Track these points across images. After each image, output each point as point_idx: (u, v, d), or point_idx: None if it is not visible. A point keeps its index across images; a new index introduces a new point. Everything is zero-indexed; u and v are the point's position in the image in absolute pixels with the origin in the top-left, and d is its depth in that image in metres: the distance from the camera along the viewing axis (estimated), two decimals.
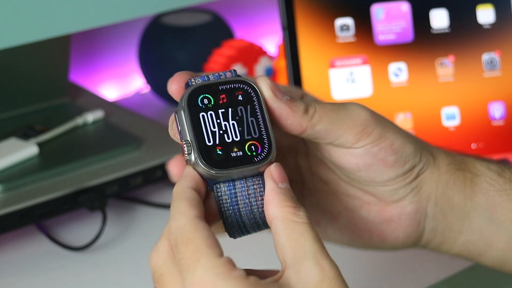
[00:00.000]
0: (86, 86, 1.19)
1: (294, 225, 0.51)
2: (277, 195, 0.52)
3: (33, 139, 0.97)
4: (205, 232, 0.52)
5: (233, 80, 0.55)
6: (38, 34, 0.82)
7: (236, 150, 0.53)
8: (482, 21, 0.99)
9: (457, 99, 0.99)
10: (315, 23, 0.97)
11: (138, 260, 0.90)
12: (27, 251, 0.91)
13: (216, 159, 0.53)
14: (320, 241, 0.51)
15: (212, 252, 0.51)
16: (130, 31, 1.28)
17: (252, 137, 0.54)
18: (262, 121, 0.54)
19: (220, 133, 0.53)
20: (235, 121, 0.54)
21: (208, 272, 0.50)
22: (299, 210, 0.52)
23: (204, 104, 0.54)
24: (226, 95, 0.54)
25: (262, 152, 0.54)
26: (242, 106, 0.54)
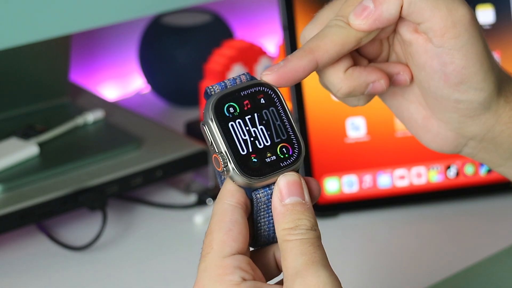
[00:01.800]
0: (86, 86, 1.19)
1: (286, 244, 0.52)
2: (276, 216, 0.53)
3: (33, 139, 0.97)
4: (226, 225, 0.52)
5: (252, 84, 0.55)
6: (38, 34, 0.83)
7: (270, 155, 0.53)
8: (481, 21, 0.99)
9: None
10: None
11: (138, 260, 0.90)
12: (28, 251, 0.91)
13: (253, 167, 0.53)
14: (311, 253, 0.52)
15: (221, 250, 0.52)
16: (130, 31, 1.28)
17: (281, 139, 0.54)
18: (287, 121, 0.54)
19: (251, 140, 0.53)
20: (263, 126, 0.54)
21: (206, 270, 0.52)
22: (296, 229, 0.52)
23: (230, 113, 0.53)
24: (249, 101, 0.54)
25: (293, 153, 0.54)
26: (266, 109, 0.54)
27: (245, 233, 0.53)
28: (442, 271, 0.86)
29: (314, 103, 0.96)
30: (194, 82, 1.14)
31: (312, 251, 0.51)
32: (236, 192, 0.54)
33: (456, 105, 0.59)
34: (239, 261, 0.52)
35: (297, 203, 0.53)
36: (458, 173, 0.98)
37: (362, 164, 0.97)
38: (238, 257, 0.52)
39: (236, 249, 0.52)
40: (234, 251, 0.52)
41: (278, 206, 0.53)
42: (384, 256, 0.90)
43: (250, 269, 0.52)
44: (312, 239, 0.52)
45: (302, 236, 0.52)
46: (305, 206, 0.53)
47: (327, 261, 0.52)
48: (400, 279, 0.86)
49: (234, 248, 0.52)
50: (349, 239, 0.93)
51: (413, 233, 0.94)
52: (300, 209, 0.53)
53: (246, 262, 0.52)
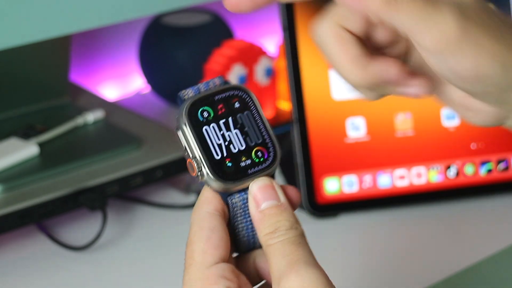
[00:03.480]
0: (86, 86, 1.19)
1: (269, 249, 0.52)
2: (256, 224, 0.53)
3: (33, 139, 0.97)
4: (205, 233, 0.52)
5: (226, 88, 0.54)
6: (38, 34, 0.83)
7: (245, 159, 0.53)
8: None
9: None
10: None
11: (138, 260, 0.90)
12: (28, 251, 0.91)
13: (228, 172, 0.52)
14: (293, 252, 0.51)
15: (203, 260, 0.51)
16: (130, 31, 1.28)
17: (256, 143, 0.54)
18: (262, 125, 0.54)
19: (226, 145, 0.53)
20: (237, 130, 0.53)
21: (191, 282, 0.52)
22: (276, 232, 0.52)
23: (204, 118, 0.53)
24: (224, 105, 0.54)
25: (269, 157, 0.54)
26: (240, 113, 0.54)
27: (226, 239, 0.52)
28: (442, 271, 0.86)
29: (314, 103, 0.96)
30: (194, 82, 1.14)
31: (293, 250, 0.51)
32: (213, 199, 0.53)
33: (484, 90, 0.54)
34: (223, 270, 0.51)
35: (272, 207, 0.53)
36: (458, 173, 0.98)
37: (362, 164, 0.97)
38: (221, 266, 0.51)
39: (218, 257, 0.52)
40: (217, 259, 0.52)
41: (255, 213, 0.53)
42: (384, 256, 0.90)
43: (234, 277, 0.52)
44: (293, 237, 0.52)
45: (283, 237, 0.51)
46: (281, 208, 0.53)
47: (311, 257, 0.52)
48: (400, 279, 0.86)
49: (216, 256, 0.52)
50: (349, 239, 0.93)
51: (413, 233, 0.94)
52: (276, 212, 0.52)
53: (230, 270, 0.52)
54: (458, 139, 0.98)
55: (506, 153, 0.99)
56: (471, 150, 0.98)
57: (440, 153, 0.98)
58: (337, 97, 0.97)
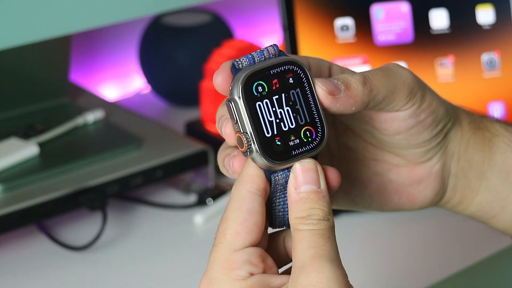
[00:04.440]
0: (86, 86, 1.19)
1: (297, 234, 0.51)
2: (290, 204, 0.52)
3: (33, 139, 0.97)
4: (243, 215, 0.52)
5: (282, 62, 0.52)
6: (38, 34, 0.83)
7: (293, 138, 0.52)
8: (481, 21, 0.99)
9: (456, 99, 0.99)
10: (315, 23, 0.97)
11: (138, 260, 0.90)
12: (28, 251, 0.91)
13: (276, 150, 0.51)
14: (319, 246, 0.51)
15: (233, 241, 0.51)
16: (130, 31, 1.28)
17: (306, 122, 0.52)
18: (313, 104, 0.53)
19: (277, 122, 0.52)
20: (289, 107, 0.52)
21: (216, 262, 0.51)
22: (308, 218, 0.51)
23: (259, 92, 0.51)
24: (278, 80, 0.52)
25: (316, 137, 0.53)
26: (293, 90, 0.52)
27: (260, 224, 0.52)
28: (442, 271, 0.86)
29: None
30: (194, 82, 1.15)
31: (320, 244, 0.51)
32: (256, 178, 0.53)
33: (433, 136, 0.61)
34: (249, 255, 0.51)
35: (311, 191, 0.52)
36: None
37: None
38: (248, 251, 0.51)
39: (249, 241, 0.51)
40: (247, 243, 0.51)
41: (293, 193, 0.52)
42: (384, 256, 0.90)
43: (260, 262, 0.51)
44: (323, 230, 0.51)
45: (313, 227, 0.51)
46: (320, 194, 0.52)
47: (336, 254, 0.52)
48: (400, 279, 0.86)
49: (247, 240, 0.51)
50: (349, 239, 0.93)
51: (413, 233, 0.94)
52: (314, 198, 0.52)
53: (257, 255, 0.51)
54: None
55: None
56: None
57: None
58: None
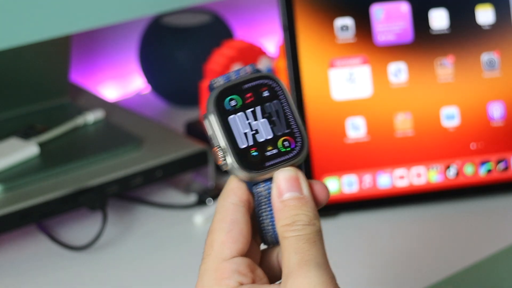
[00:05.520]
0: (86, 86, 1.19)
1: (284, 242, 0.52)
2: (275, 213, 0.53)
3: (34, 139, 0.97)
4: (227, 225, 0.52)
5: (256, 77, 0.54)
6: (38, 34, 0.83)
7: (271, 148, 0.53)
8: (481, 21, 0.99)
9: (456, 99, 0.99)
10: (315, 23, 0.97)
11: (138, 260, 0.90)
12: (28, 251, 0.91)
13: (253, 161, 0.52)
14: (305, 251, 0.51)
15: (220, 252, 0.52)
16: (130, 31, 1.28)
17: (283, 133, 0.53)
18: (290, 115, 0.54)
19: (252, 134, 0.53)
20: (265, 119, 0.53)
21: (206, 273, 0.52)
22: (293, 225, 0.52)
23: (232, 106, 0.53)
24: (252, 93, 0.53)
25: (296, 147, 0.53)
26: (269, 102, 0.53)
27: (245, 233, 0.53)
28: (442, 271, 0.86)
29: (314, 103, 0.96)
30: (194, 82, 1.15)
31: (306, 249, 0.51)
32: (238, 190, 0.53)
33: None
34: (238, 264, 0.52)
35: (294, 198, 0.52)
36: (457, 173, 0.98)
37: (362, 164, 0.97)
38: (237, 260, 0.52)
39: (236, 250, 0.52)
40: (234, 253, 0.52)
41: (276, 202, 0.52)
42: (384, 256, 0.90)
43: (249, 271, 0.52)
44: (309, 234, 0.52)
45: (298, 233, 0.51)
46: (303, 200, 0.52)
47: (323, 258, 0.52)
48: (400, 279, 0.86)
49: (234, 250, 0.52)
50: (349, 239, 0.93)
51: (413, 233, 0.94)
52: (297, 204, 0.52)
53: (245, 265, 0.52)
54: (457, 139, 0.98)
55: (506, 153, 0.99)
56: (471, 150, 0.98)
57: (439, 153, 0.98)
58: (337, 97, 0.97)
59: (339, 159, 0.97)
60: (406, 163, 0.97)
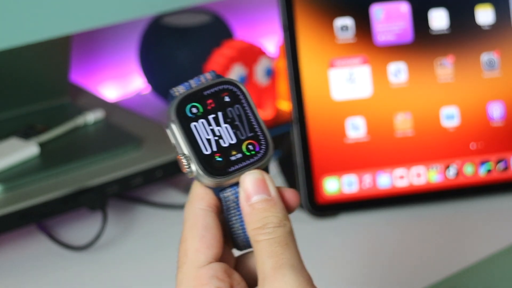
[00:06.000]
0: (86, 86, 1.19)
1: (257, 246, 0.51)
2: (245, 217, 0.52)
3: (34, 139, 0.97)
4: (199, 232, 0.52)
5: (216, 83, 0.54)
6: (38, 34, 0.83)
7: (235, 152, 0.53)
8: (481, 21, 0.99)
9: (456, 99, 0.99)
10: (315, 23, 0.97)
11: (138, 260, 0.90)
12: (28, 251, 0.91)
13: (217, 166, 0.52)
14: (278, 254, 0.51)
15: (196, 259, 0.52)
16: (130, 31, 1.28)
17: (247, 137, 0.53)
18: (253, 118, 0.54)
19: (215, 140, 0.53)
20: (227, 124, 0.53)
21: (183, 282, 0.52)
22: (264, 228, 0.51)
23: (193, 114, 0.53)
24: (213, 100, 0.53)
25: (260, 150, 0.53)
26: (230, 107, 0.53)
27: (219, 237, 0.52)
28: (442, 271, 0.86)
29: (314, 103, 0.96)
30: None
31: (279, 252, 0.51)
32: (205, 195, 0.53)
33: None
34: (215, 270, 0.51)
35: (262, 201, 0.52)
36: (457, 173, 0.98)
37: (362, 164, 0.97)
38: (213, 266, 0.52)
39: (211, 256, 0.52)
40: (210, 258, 0.52)
41: (245, 206, 0.52)
42: (384, 256, 0.90)
43: (226, 277, 0.52)
44: (280, 237, 0.51)
45: (270, 236, 0.51)
46: (271, 202, 0.52)
47: (297, 259, 0.51)
48: (400, 279, 0.86)
49: (209, 255, 0.52)
50: (349, 239, 0.93)
51: (413, 233, 0.94)
52: (265, 206, 0.52)
53: (222, 270, 0.52)
54: (457, 139, 0.98)
55: (506, 153, 0.99)
56: (471, 150, 0.98)
57: (439, 153, 0.98)
58: (337, 97, 0.97)
59: (339, 159, 0.97)
60: (406, 163, 0.97)
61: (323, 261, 0.89)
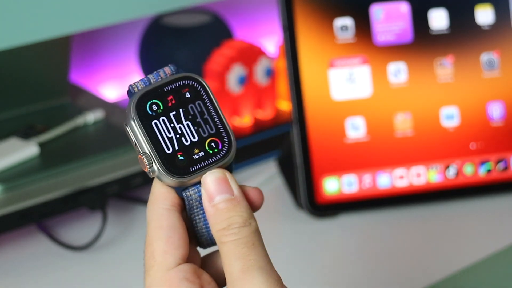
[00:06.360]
0: (86, 86, 1.19)
1: (223, 247, 0.50)
2: (209, 218, 0.51)
3: (34, 139, 0.97)
4: (165, 232, 0.51)
5: (176, 78, 0.52)
6: (38, 34, 0.83)
7: (198, 151, 0.51)
8: (481, 21, 0.99)
9: (456, 99, 0.99)
10: (315, 23, 0.97)
11: (138, 259, 0.90)
12: (28, 251, 0.91)
13: (180, 165, 0.51)
14: (246, 256, 0.50)
15: (164, 261, 0.51)
16: (130, 31, 1.28)
17: (209, 134, 0.52)
18: (215, 115, 0.52)
19: (177, 138, 0.51)
20: (189, 121, 0.52)
21: (152, 285, 0.51)
22: (229, 228, 0.50)
23: (153, 111, 0.51)
24: (174, 96, 0.52)
25: (223, 147, 0.52)
26: (192, 104, 0.52)
27: (185, 237, 0.51)
28: (442, 271, 0.86)
29: (314, 103, 0.96)
30: None
31: (246, 254, 0.50)
32: (168, 194, 0.52)
33: None
34: (185, 272, 0.51)
35: (225, 201, 0.51)
36: (457, 173, 0.98)
37: (361, 164, 0.97)
38: (183, 267, 0.51)
39: (179, 257, 0.51)
40: (178, 260, 0.51)
41: (208, 207, 0.51)
42: (384, 256, 0.90)
43: (196, 278, 0.51)
44: (246, 237, 0.50)
45: (235, 237, 0.50)
46: (234, 201, 0.51)
47: (264, 260, 0.50)
48: (400, 279, 0.86)
49: (177, 256, 0.51)
50: (349, 239, 0.93)
51: (413, 233, 0.94)
52: (229, 206, 0.51)
53: (192, 271, 0.51)
54: (457, 139, 0.98)
55: (505, 153, 0.99)
56: (471, 150, 0.98)
57: (439, 153, 0.98)
58: (336, 97, 0.97)
59: (339, 159, 0.97)
60: (406, 163, 0.97)
61: (323, 261, 0.89)
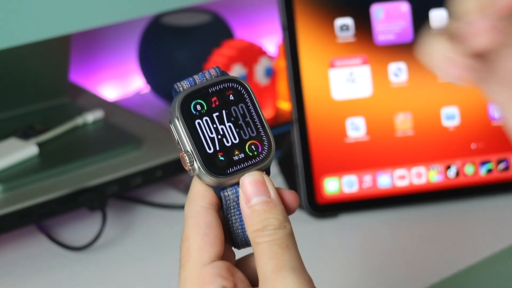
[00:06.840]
0: (86, 86, 1.19)
1: (257, 248, 0.51)
2: (245, 219, 0.52)
3: (33, 139, 0.97)
4: (202, 229, 0.52)
5: (221, 80, 0.53)
6: (38, 34, 0.83)
7: (238, 152, 0.53)
8: None
9: (456, 99, 0.99)
10: (315, 23, 0.97)
11: (138, 260, 0.90)
12: (27, 251, 0.91)
13: (220, 166, 0.52)
14: (279, 256, 0.51)
15: (199, 257, 0.51)
16: (130, 31, 1.28)
17: (250, 137, 0.53)
18: (257, 118, 0.53)
19: (219, 138, 0.52)
20: (231, 123, 0.53)
21: (187, 280, 0.51)
22: (264, 230, 0.51)
23: (197, 111, 0.52)
24: (218, 97, 0.53)
25: (263, 151, 0.53)
26: (235, 106, 0.53)
27: (221, 235, 0.52)
28: (442, 271, 0.86)
29: (314, 103, 0.96)
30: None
31: (280, 254, 0.51)
32: (207, 193, 0.53)
33: None
34: (219, 268, 0.51)
35: (262, 203, 0.52)
36: (458, 173, 0.98)
37: (362, 164, 0.97)
38: (217, 264, 0.51)
39: (214, 254, 0.52)
40: (213, 257, 0.52)
41: (245, 208, 0.52)
42: (384, 256, 0.90)
43: (230, 275, 0.51)
44: (280, 239, 0.51)
45: (270, 238, 0.51)
46: (271, 204, 0.52)
47: (298, 261, 0.51)
48: (400, 279, 0.86)
49: (213, 253, 0.52)
50: (349, 239, 0.93)
51: (413, 233, 0.94)
52: (266, 208, 0.52)
53: (226, 268, 0.52)
54: (458, 139, 0.98)
55: (506, 153, 0.99)
56: (471, 150, 0.98)
57: (440, 153, 0.98)
58: (337, 97, 0.97)
59: (339, 159, 0.97)
60: (406, 163, 0.97)
61: (323, 261, 0.89)
